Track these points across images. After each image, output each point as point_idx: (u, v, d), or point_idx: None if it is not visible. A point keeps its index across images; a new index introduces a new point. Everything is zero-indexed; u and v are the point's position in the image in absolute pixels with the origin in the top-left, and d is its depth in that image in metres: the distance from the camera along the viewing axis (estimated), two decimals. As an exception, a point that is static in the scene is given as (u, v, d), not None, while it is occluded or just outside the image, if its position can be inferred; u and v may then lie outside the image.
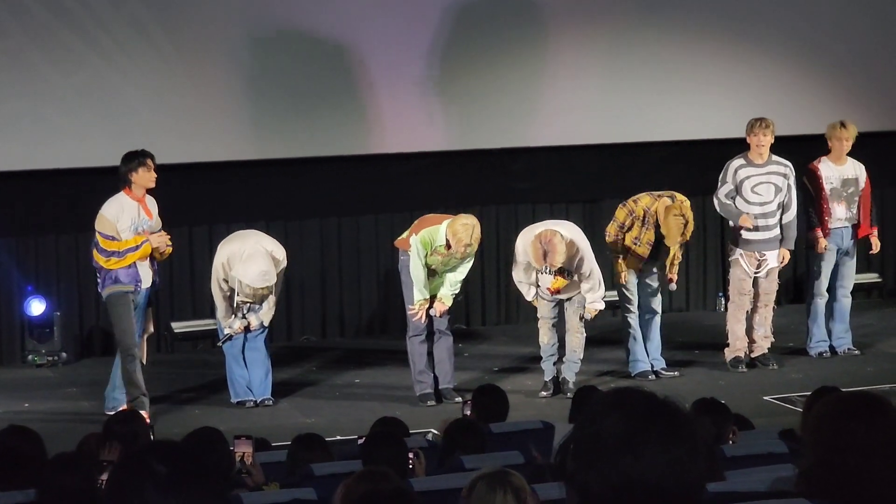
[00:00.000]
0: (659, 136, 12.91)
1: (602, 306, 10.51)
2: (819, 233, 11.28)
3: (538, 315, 10.59)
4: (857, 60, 13.45)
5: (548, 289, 10.37)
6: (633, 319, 10.87)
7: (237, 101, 12.04)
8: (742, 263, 11.08)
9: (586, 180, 12.38)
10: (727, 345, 11.18)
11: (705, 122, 13.00)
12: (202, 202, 11.57)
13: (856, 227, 11.41)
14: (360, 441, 7.06)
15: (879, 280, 13.97)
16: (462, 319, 13.08)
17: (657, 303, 10.95)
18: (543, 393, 10.50)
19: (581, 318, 10.47)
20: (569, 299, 10.49)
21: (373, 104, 12.34)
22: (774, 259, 11.09)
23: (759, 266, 11.08)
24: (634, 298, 10.87)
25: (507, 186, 11.83)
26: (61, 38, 11.52)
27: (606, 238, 10.81)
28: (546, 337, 10.55)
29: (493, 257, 12.84)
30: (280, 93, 12.15)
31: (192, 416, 10.08)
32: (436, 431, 8.05)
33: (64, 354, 11.83)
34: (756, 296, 11.16)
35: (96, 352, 12.12)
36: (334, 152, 12.42)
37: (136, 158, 9.90)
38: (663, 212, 10.58)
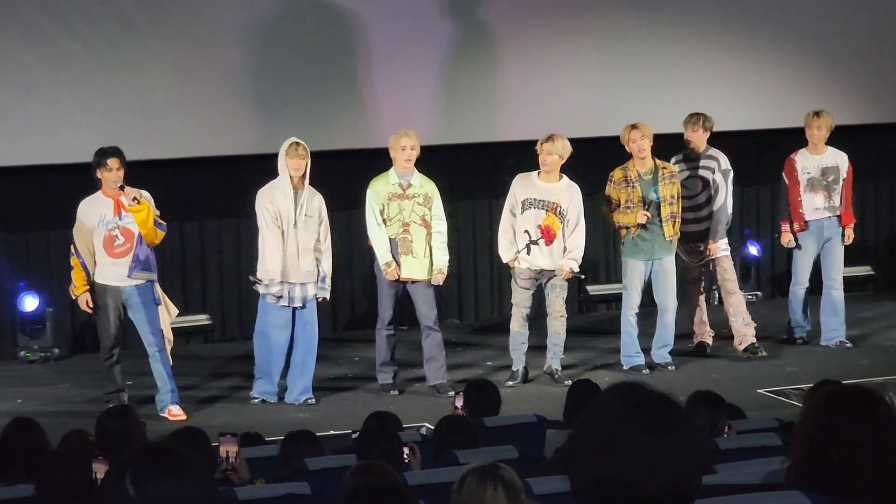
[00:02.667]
0: (654, 129, 12.88)
1: (576, 268, 10.52)
2: (785, 226, 11.38)
3: (513, 301, 10.59)
4: (849, 53, 13.44)
5: (538, 227, 10.37)
6: (632, 317, 10.85)
7: (226, 96, 12.02)
8: (680, 254, 11.17)
9: (580, 174, 12.33)
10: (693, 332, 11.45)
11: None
12: (193, 198, 11.56)
13: (839, 217, 11.37)
14: (354, 435, 7.06)
15: (873, 273, 13.97)
16: (455, 314, 13.09)
17: (668, 298, 10.87)
18: (510, 382, 10.47)
19: (562, 297, 10.51)
20: (549, 282, 10.48)
21: (364, 99, 12.32)
22: (716, 250, 11.12)
23: (699, 254, 11.14)
24: (636, 296, 10.83)
25: (501, 180, 11.76)
26: (50, 34, 11.49)
27: (605, 215, 10.92)
28: (518, 325, 10.54)
29: (487, 252, 12.82)
30: (269, 88, 12.13)
31: (186, 412, 10.07)
32: (429, 426, 8.05)
33: (56, 350, 11.83)
34: (719, 289, 11.39)
35: (88, 347, 12.09)
36: (325, 147, 12.38)
37: (98, 157, 9.88)
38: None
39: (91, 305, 9.96)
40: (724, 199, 11.14)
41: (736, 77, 13.15)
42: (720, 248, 11.18)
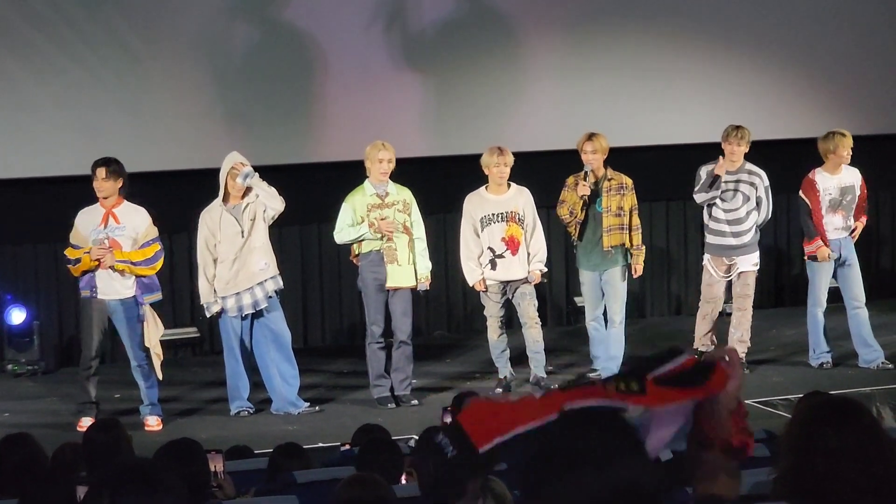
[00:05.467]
0: (642, 140, 12.93)
1: (545, 269, 10.62)
2: (817, 241, 11.08)
3: (486, 314, 10.68)
4: (839, 64, 13.49)
5: (502, 239, 10.44)
6: (590, 324, 10.93)
7: (214, 109, 12.03)
8: (709, 268, 11.14)
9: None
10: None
11: (690, 127, 13.02)
12: (181, 210, 11.53)
13: (851, 234, 11.18)
14: (343, 448, 7.06)
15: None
16: (444, 326, 13.10)
17: (615, 310, 10.88)
18: (499, 390, 10.58)
19: (533, 304, 10.56)
20: (518, 292, 10.54)
21: (354, 110, 12.33)
22: (746, 264, 11.09)
23: (728, 270, 11.11)
24: (591, 306, 10.89)
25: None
26: (37, 47, 11.49)
27: (560, 216, 10.93)
28: (495, 334, 10.64)
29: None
30: (257, 100, 12.15)
31: (173, 425, 10.08)
32: (417, 438, 8.05)
33: (43, 363, 11.81)
34: (731, 299, 11.26)
35: (76, 361, 12.04)
36: (315, 158, 12.41)
37: (92, 168, 9.98)
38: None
39: (100, 253, 9.85)
40: (765, 215, 11.13)
41: (727, 89, 13.16)
42: (751, 262, 11.12)
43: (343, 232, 10.39)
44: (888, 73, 13.63)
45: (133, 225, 9.98)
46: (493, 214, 10.51)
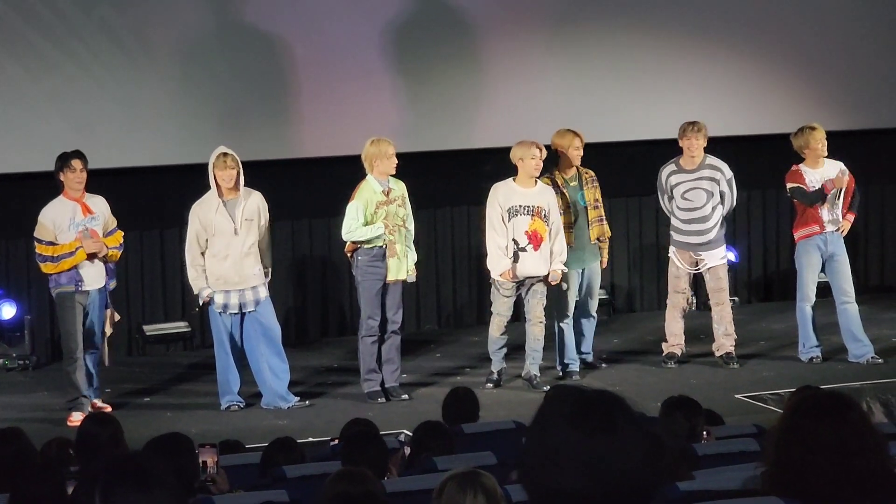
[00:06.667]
0: (626, 135, 12.94)
1: (565, 269, 10.60)
2: (815, 225, 11.02)
3: (493, 310, 10.69)
4: (820, 59, 13.49)
5: (525, 233, 10.43)
6: (565, 327, 10.89)
7: (205, 105, 12.02)
8: (675, 261, 11.17)
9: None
10: (665, 340, 11.33)
11: (671, 122, 13.01)
12: (174, 205, 11.54)
13: (839, 228, 11.11)
14: (333, 443, 7.06)
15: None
16: (434, 320, 13.10)
17: (594, 304, 11.00)
18: (489, 384, 10.60)
19: (542, 304, 10.57)
20: (531, 289, 10.54)
21: (345, 106, 12.32)
22: (713, 259, 11.10)
23: (695, 263, 11.13)
24: (572, 305, 10.88)
25: (479, 187, 11.83)
26: (31, 43, 11.49)
27: None
28: (497, 331, 10.64)
29: (466, 258, 12.85)
30: (250, 96, 12.14)
31: (164, 419, 10.07)
32: (407, 432, 8.07)
33: (35, 358, 11.80)
34: (707, 295, 11.33)
35: (66, 355, 12.07)
36: (305, 154, 12.40)
37: (62, 161, 10.05)
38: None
39: (97, 246, 9.96)
40: (729, 206, 11.14)
41: (711, 83, 13.17)
42: (718, 256, 11.15)
43: (357, 231, 10.32)
44: (869, 68, 13.63)
45: (101, 212, 10.11)
46: (520, 206, 10.49)
